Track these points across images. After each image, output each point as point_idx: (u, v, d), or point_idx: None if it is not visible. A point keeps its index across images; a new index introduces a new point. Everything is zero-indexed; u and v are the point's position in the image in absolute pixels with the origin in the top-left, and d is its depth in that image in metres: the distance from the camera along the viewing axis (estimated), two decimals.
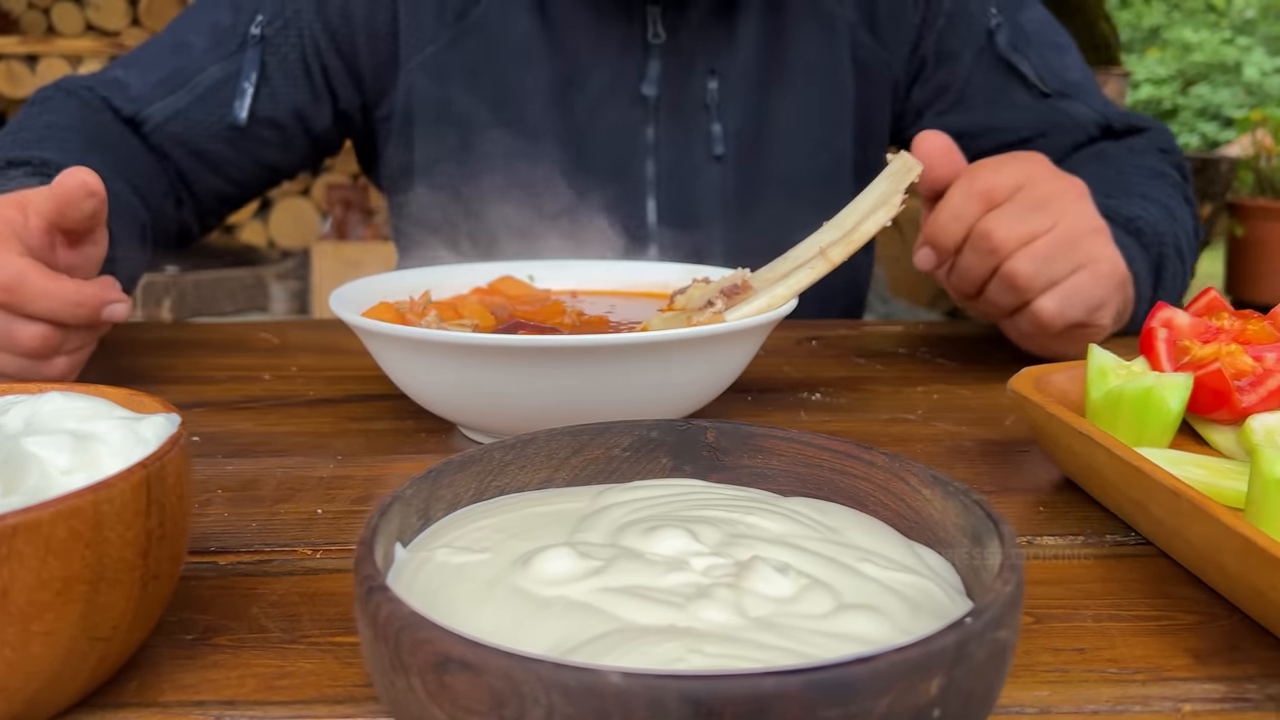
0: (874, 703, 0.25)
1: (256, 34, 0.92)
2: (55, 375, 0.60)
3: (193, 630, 0.37)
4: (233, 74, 0.92)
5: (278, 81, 0.93)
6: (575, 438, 0.42)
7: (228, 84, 0.92)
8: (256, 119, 0.92)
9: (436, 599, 0.32)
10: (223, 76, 0.91)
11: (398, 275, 0.65)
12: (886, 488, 0.39)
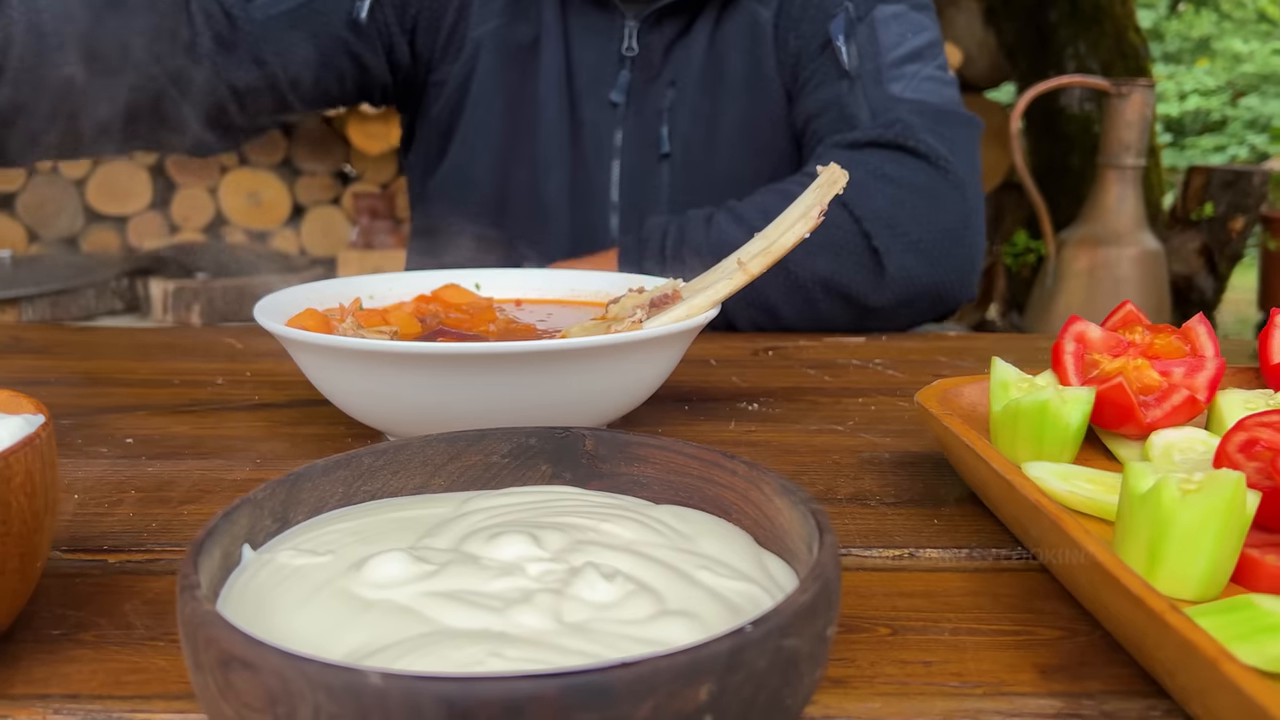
0: (634, 708, 0.26)
1: None
2: None
3: (61, 626, 0.38)
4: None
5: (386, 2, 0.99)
6: (452, 444, 0.43)
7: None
8: (368, 25, 0.97)
9: (266, 600, 0.33)
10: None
11: (340, 282, 0.66)
12: (746, 496, 0.39)
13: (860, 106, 0.94)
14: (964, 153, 0.91)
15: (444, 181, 1.07)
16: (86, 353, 0.78)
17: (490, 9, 1.02)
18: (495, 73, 1.02)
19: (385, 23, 1.00)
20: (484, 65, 1.02)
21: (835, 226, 0.86)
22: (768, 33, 1.02)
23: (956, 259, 0.88)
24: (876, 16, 0.97)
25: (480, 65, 1.02)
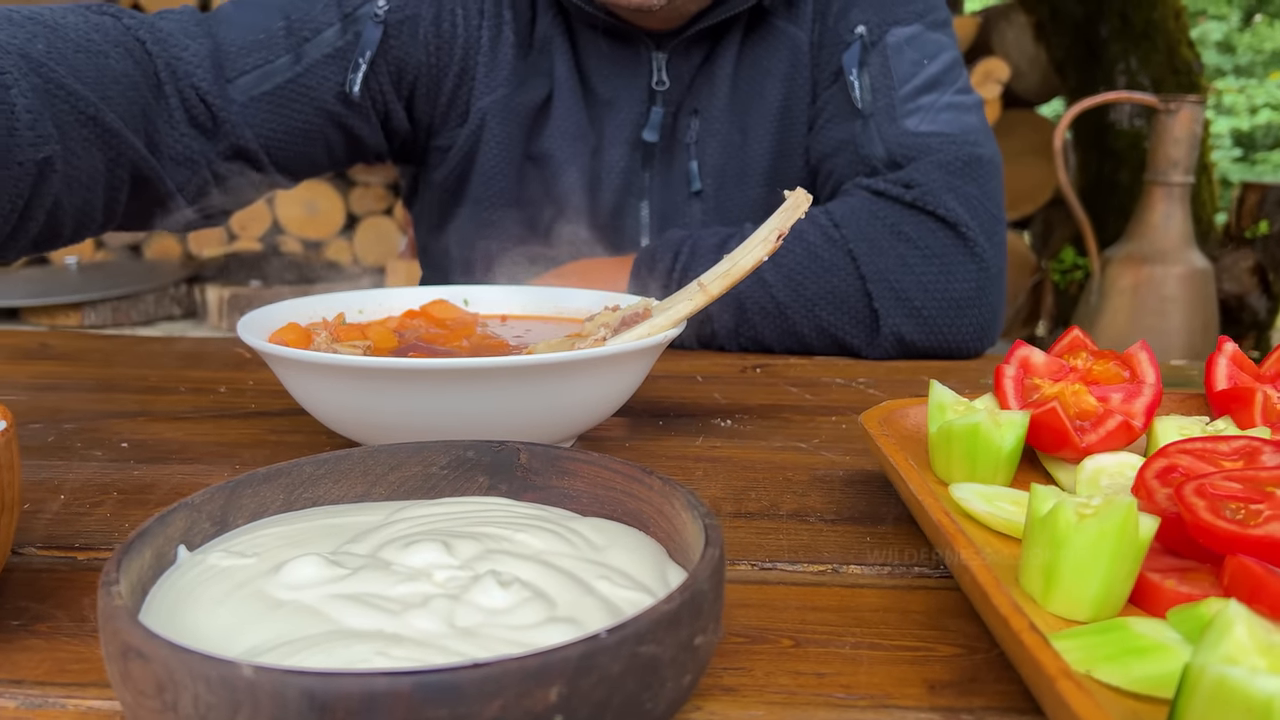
0: (482, 706, 0.28)
1: (379, 14, 0.94)
2: None
3: (21, 617, 0.41)
4: (349, 45, 0.93)
5: (381, 68, 0.96)
6: (393, 455, 0.45)
7: (343, 55, 0.93)
8: (361, 96, 0.94)
9: (188, 597, 0.35)
10: (339, 45, 0.93)
11: (331, 297, 0.69)
12: (661, 510, 0.41)
13: (875, 145, 0.93)
14: (985, 212, 0.90)
15: (451, 238, 1.07)
16: (105, 360, 0.83)
17: (496, 78, 1.00)
18: (504, 137, 1.01)
19: (380, 92, 0.97)
20: (491, 132, 1.01)
21: (841, 278, 0.86)
22: (804, 55, 1.01)
23: (960, 328, 0.87)
24: (889, 42, 0.96)
25: (487, 132, 1.01)
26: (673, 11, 0.96)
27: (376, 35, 0.94)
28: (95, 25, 0.78)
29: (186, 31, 0.86)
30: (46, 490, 0.54)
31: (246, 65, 0.88)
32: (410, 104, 1.01)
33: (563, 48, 1.00)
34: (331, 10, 0.93)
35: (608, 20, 0.98)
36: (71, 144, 0.71)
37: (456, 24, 0.99)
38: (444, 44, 0.99)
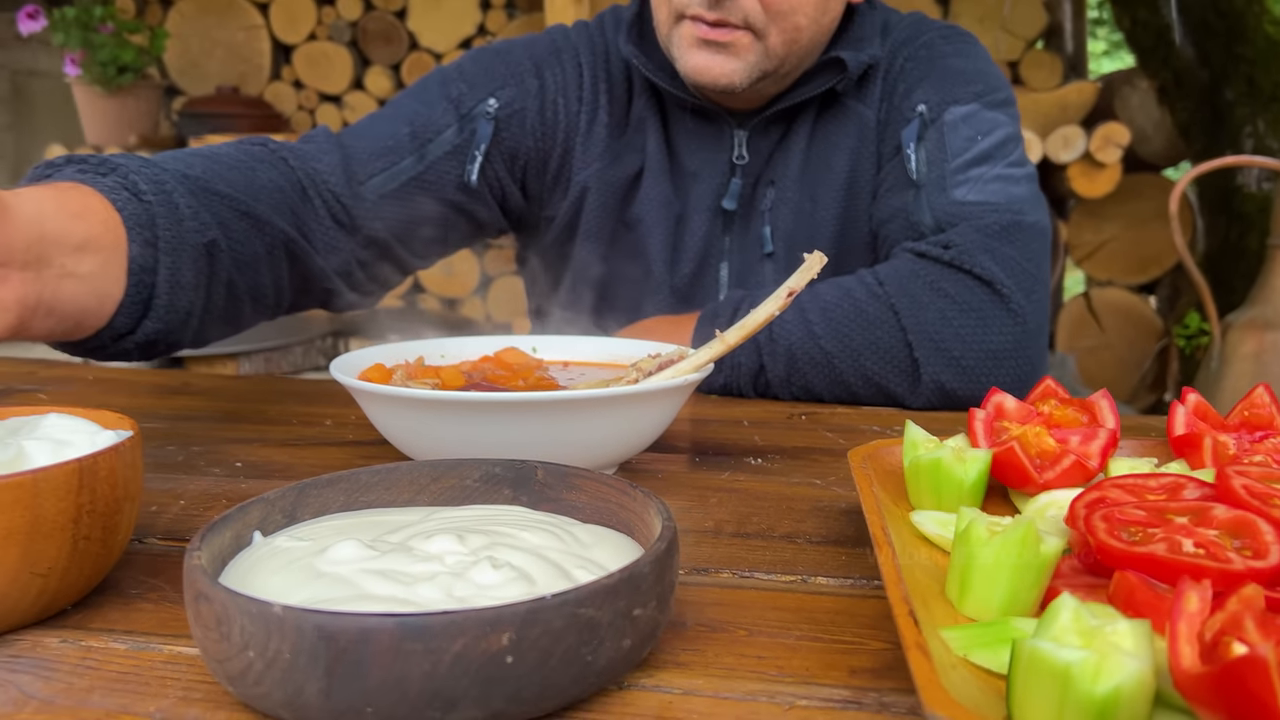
0: (449, 643, 0.36)
1: (490, 111, 1.09)
2: None
3: (138, 588, 0.52)
4: (466, 141, 1.07)
5: (495, 156, 1.09)
6: (434, 468, 0.55)
7: (461, 150, 1.07)
8: (478, 184, 1.08)
9: (256, 566, 0.45)
10: (457, 142, 1.07)
11: (418, 344, 0.80)
12: (642, 518, 0.49)
13: (925, 213, 1.00)
14: (1022, 271, 0.95)
15: (557, 303, 1.19)
16: (233, 397, 0.96)
17: (592, 152, 1.12)
18: (600, 206, 1.13)
19: (496, 177, 1.10)
20: (589, 201, 1.13)
21: (884, 330, 0.93)
22: (871, 131, 1.09)
23: (998, 378, 0.92)
24: (946, 120, 1.03)
25: (586, 202, 1.13)
26: (754, 94, 1.07)
27: (489, 130, 1.08)
28: (245, 151, 0.94)
29: (320, 148, 1.02)
30: (170, 496, 0.66)
31: (376, 169, 1.03)
32: (523, 184, 1.15)
33: (655, 126, 1.12)
34: (450, 113, 1.07)
35: (696, 102, 1.09)
36: (232, 232, 0.84)
37: (558, 112, 1.12)
38: (548, 130, 1.12)
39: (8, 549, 0.44)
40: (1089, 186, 2.74)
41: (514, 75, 1.12)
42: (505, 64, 1.12)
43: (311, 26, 3.55)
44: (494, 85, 1.10)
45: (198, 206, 0.80)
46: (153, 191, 0.76)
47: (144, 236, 0.74)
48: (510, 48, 1.15)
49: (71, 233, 0.68)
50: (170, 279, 0.76)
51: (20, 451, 0.49)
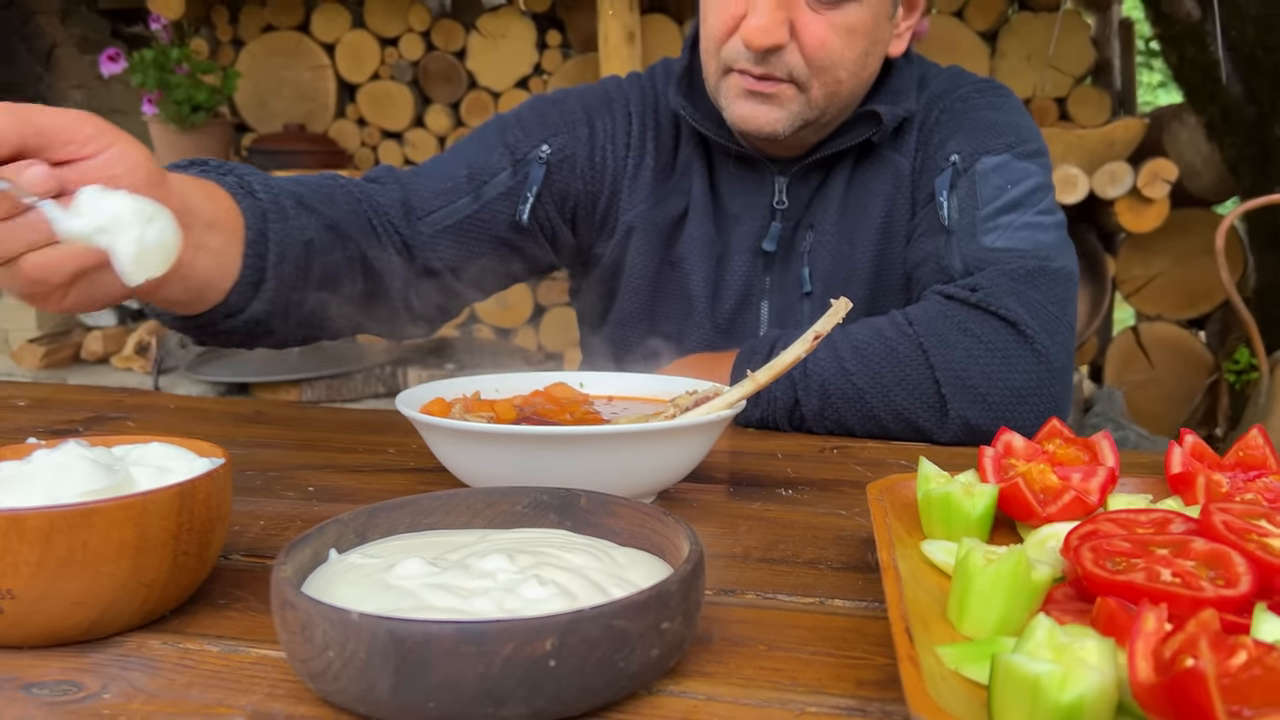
0: (500, 647, 0.42)
1: (542, 156, 1.17)
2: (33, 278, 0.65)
3: (227, 598, 0.58)
4: (520, 183, 1.16)
5: (546, 198, 1.17)
6: (489, 495, 0.61)
7: (514, 192, 1.16)
8: (529, 223, 1.16)
9: (333, 580, 0.51)
10: (511, 184, 1.16)
11: (474, 379, 0.86)
12: (672, 542, 0.54)
13: (955, 258, 1.04)
14: (1046, 313, 0.99)
15: (604, 336, 1.26)
16: (303, 425, 1.03)
17: (638, 195, 1.19)
18: (646, 246, 1.19)
19: (547, 217, 1.18)
20: (635, 243, 1.20)
21: (913, 367, 0.97)
22: (906, 179, 1.15)
23: (1022, 414, 0.96)
24: (978, 169, 1.08)
25: (632, 243, 1.20)
26: (795, 141, 1.13)
27: (541, 173, 1.16)
28: (322, 180, 1.05)
29: (383, 184, 1.12)
30: (251, 517, 0.72)
31: (434, 205, 1.12)
32: (573, 224, 1.22)
33: (700, 171, 1.19)
34: (505, 158, 1.16)
35: (740, 149, 1.16)
36: (322, 239, 0.96)
37: (606, 158, 1.19)
38: (596, 174, 1.19)
39: (119, 561, 0.51)
40: (1137, 222, 2.75)
41: (566, 123, 1.19)
42: (559, 112, 1.20)
43: (375, 66, 3.69)
44: (548, 132, 1.18)
45: (299, 210, 0.92)
46: (264, 192, 0.89)
47: (258, 227, 0.86)
48: (565, 97, 1.23)
49: (205, 210, 0.80)
50: (277, 266, 0.88)
51: (128, 476, 0.56)
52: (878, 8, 1.06)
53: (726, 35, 1.06)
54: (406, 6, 3.65)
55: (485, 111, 3.70)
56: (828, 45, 1.04)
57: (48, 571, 0.49)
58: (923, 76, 1.20)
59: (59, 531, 0.49)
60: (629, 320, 1.23)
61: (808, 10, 1.03)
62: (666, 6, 3.58)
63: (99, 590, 0.51)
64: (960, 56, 3.34)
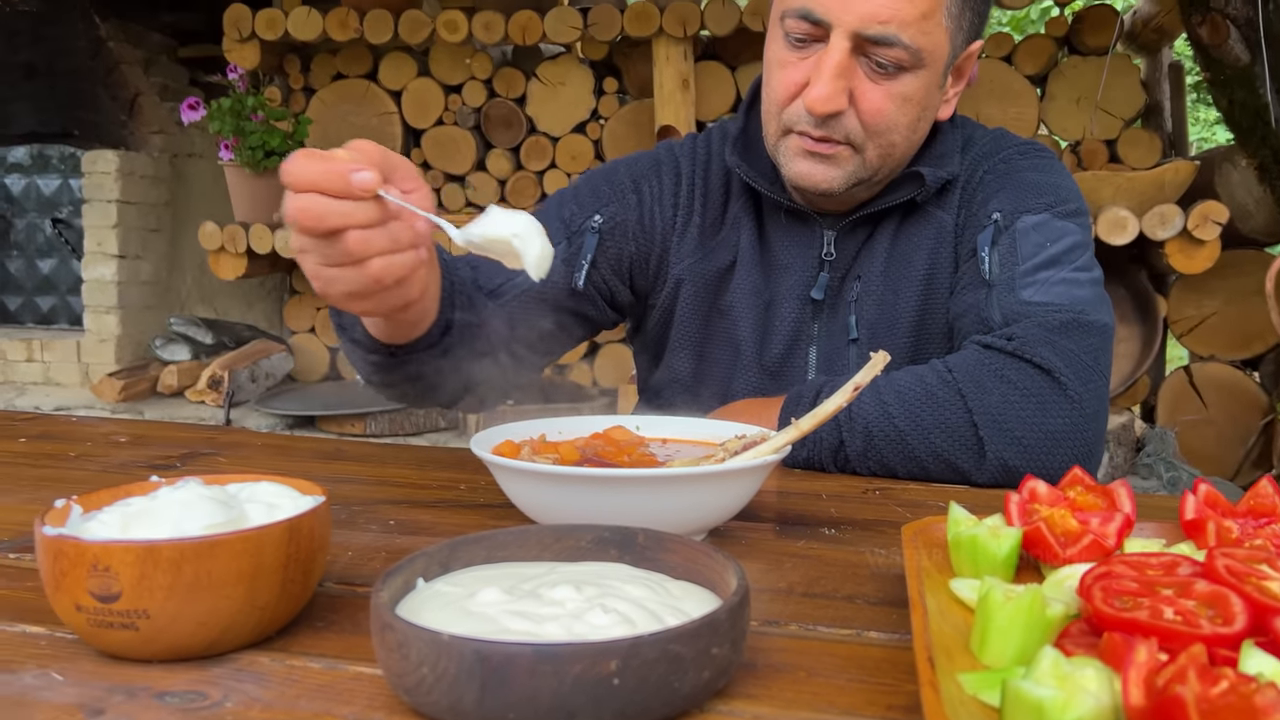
0: (570, 666, 0.49)
1: (595, 226, 1.26)
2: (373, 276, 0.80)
3: (324, 620, 0.66)
4: (575, 252, 1.25)
5: (601, 263, 1.27)
6: (556, 532, 0.67)
7: (570, 261, 1.25)
8: (586, 287, 1.25)
9: (422, 606, 0.58)
10: (567, 255, 1.25)
11: (539, 422, 0.93)
12: (722, 576, 0.61)
13: (994, 311, 1.10)
14: (1080, 362, 1.03)
15: (659, 379, 1.33)
16: (381, 462, 1.11)
17: (685, 249, 1.27)
18: (694, 296, 1.27)
19: (603, 280, 1.27)
20: (685, 293, 1.28)
21: (952, 411, 1.02)
22: (949, 234, 1.22)
23: (1057, 457, 1.00)
24: (1019, 227, 1.14)
25: (682, 294, 1.28)
26: (847, 197, 1.20)
27: (594, 241, 1.25)
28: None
29: (459, 263, 1.21)
30: (340, 549, 0.80)
31: (498, 281, 1.21)
32: (631, 282, 1.31)
33: (749, 226, 1.27)
34: (561, 232, 1.26)
35: (791, 204, 1.23)
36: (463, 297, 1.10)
37: (655, 218, 1.28)
38: (646, 235, 1.28)
39: (237, 587, 0.58)
40: (1188, 263, 2.77)
41: (616, 192, 1.29)
42: (609, 183, 1.30)
43: (439, 113, 3.82)
44: (599, 204, 1.28)
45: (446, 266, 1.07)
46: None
47: (448, 276, 1.04)
48: (615, 168, 1.33)
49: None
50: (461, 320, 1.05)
51: (242, 512, 0.63)
52: (930, 78, 1.12)
53: (789, 100, 1.14)
54: (470, 55, 3.78)
55: (544, 155, 3.81)
56: (884, 112, 1.11)
57: (178, 595, 0.57)
58: (969, 138, 1.26)
59: (188, 560, 0.57)
60: (680, 363, 1.31)
61: (866, 80, 1.10)
62: (719, 54, 3.67)
63: (220, 612, 0.58)
64: (1010, 100, 3.39)
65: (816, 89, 1.09)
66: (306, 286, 4.11)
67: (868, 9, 1.07)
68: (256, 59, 3.73)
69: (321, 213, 0.77)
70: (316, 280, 0.82)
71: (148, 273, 4.14)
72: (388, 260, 0.80)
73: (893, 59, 1.09)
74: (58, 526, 0.61)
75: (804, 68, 1.12)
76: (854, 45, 1.09)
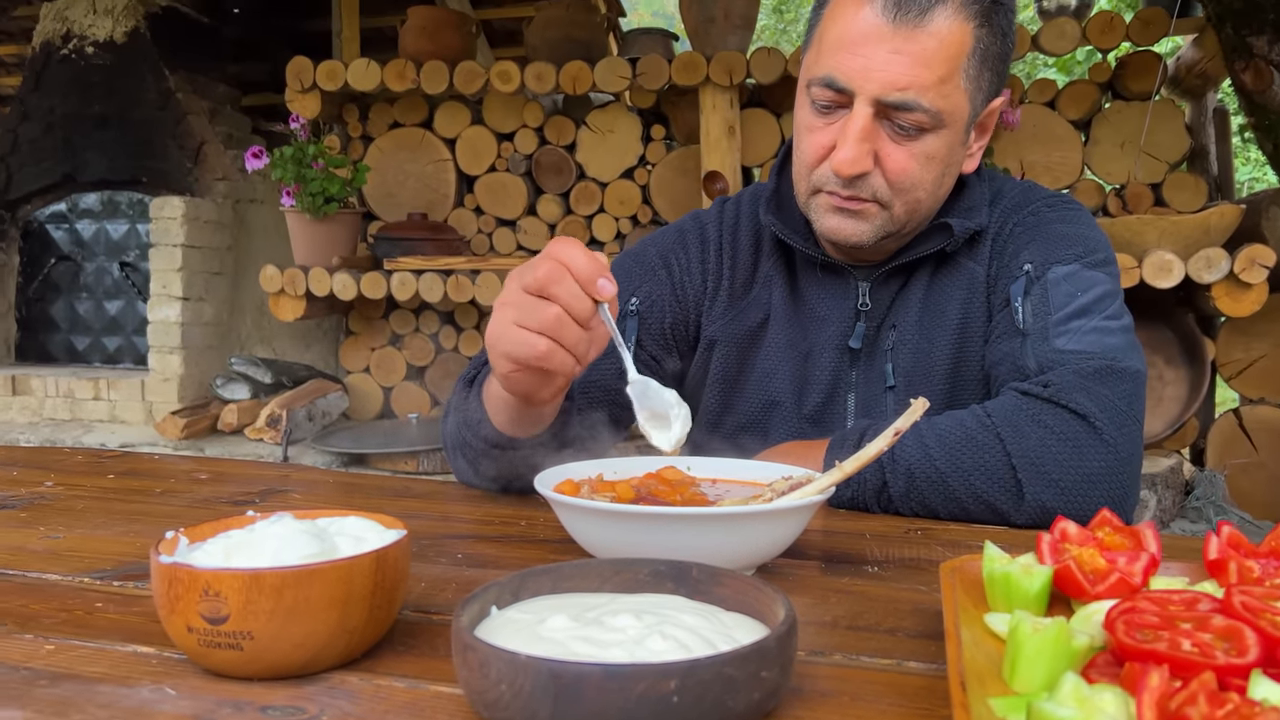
0: (634, 685, 0.54)
1: (634, 309, 1.33)
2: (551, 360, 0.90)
3: (404, 645, 0.71)
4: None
5: (646, 343, 1.34)
6: (615, 565, 0.73)
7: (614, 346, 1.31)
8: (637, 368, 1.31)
9: (497, 631, 0.64)
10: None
11: (597, 463, 0.99)
12: (771, 608, 0.66)
13: (1029, 359, 1.14)
14: (1114, 408, 1.07)
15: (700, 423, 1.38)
16: (445, 499, 1.17)
17: (717, 310, 1.34)
18: (728, 354, 1.33)
19: (650, 357, 1.34)
20: (718, 351, 1.34)
21: (991, 454, 1.06)
22: (981, 285, 1.27)
23: (1094, 499, 1.04)
24: (1050, 277, 1.19)
25: (715, 352, 1.34)
26: (878, 249, 1.26)
27: (635, 324, 1.32)
28: None
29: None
30: (414, 580, 0.86)
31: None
32: (676, 349, 1.38)
33: (780, 282, 1.33)
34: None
35: (825, 258, 1.29)
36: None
37: (686, 289, 1.36)
38: (681, 304, 1.35)
39: (330, 612, 0.64)
40: (1235, 306, 2.77)
41: (647, 272, 1.36)
42: (639, 265, 1.37)
43: (492, 160, 3.93)
44: (633, 286, 1.34)
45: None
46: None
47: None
48: (643, 248, 1.40)
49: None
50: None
51: (334, 544, 0.70)
52: (952, 137, 1.18)
53: (817, 162, 1.20)
54: (522, 105, 3.89)
55: (593, 200, 3.90)
56: (908, 171, 1.17)
57: (279, 618, 0.63)
58: (998, 191, 1.31)
59: (289, 586, 0.63)
60: (720, 414, 1.36)
61: (889, 141, 1.16)
62: (765, 101, 3.75)
63: (315, 634, 0.64)
64: (1054, 144, 3.42)
65: (842, 153, 1.15)
66: (362, 328, 4.22)
67: (887, 76, 1.13)
68: (317, 108, 3.87)
69: (570, 295, 0.89)
70: (501, 337, 0.92)
71: (210, 314, 4.28)
72: (566, 356, 0.91)
73: (914, 122, 1.15)
74: (170, 555, 0.68)
75: (830, 132, 1.18)
76: (876, 110, 1.15)
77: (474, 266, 3.62)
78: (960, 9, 1.14)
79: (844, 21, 1.15)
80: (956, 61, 1.14)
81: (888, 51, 1.13)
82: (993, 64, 1.20)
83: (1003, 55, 1.21)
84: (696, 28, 3.57)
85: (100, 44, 4.39)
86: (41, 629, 0.74)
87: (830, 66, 1.16)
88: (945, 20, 1.13)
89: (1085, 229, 1.25)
